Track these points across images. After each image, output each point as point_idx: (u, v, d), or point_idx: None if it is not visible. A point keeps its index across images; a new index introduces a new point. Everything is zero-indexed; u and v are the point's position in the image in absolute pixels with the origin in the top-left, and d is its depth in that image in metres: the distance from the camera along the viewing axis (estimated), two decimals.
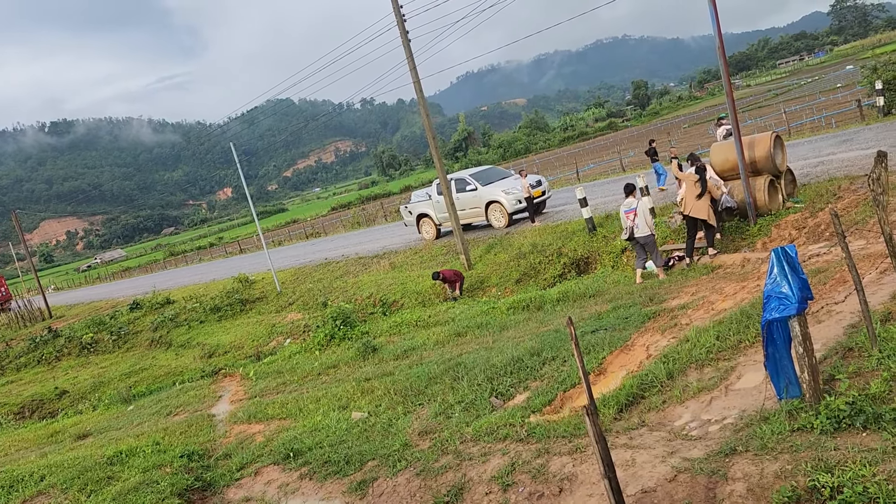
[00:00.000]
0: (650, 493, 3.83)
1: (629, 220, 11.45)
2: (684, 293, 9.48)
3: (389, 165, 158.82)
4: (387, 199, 76.26)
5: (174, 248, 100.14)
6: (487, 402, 7.02)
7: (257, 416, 9.69)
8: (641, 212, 11.36)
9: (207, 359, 20.57)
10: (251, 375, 14.00)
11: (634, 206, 11.41)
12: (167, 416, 11.92)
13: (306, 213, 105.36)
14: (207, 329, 24.33)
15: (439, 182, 19.66)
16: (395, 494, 5.36)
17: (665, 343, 7.24)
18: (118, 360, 24.68)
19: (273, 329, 20.96)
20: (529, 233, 18.02)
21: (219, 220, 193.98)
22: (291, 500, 5.99)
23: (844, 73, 73.53)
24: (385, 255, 23.49)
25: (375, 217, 47.82)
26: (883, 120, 20.46)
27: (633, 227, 11.40)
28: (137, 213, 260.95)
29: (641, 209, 11.39)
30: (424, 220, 22.90)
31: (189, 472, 7.17)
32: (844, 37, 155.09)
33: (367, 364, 11.77)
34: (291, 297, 23.74)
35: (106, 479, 7.19)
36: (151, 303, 30.82)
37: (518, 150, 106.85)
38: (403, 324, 14.87)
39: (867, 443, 3.43)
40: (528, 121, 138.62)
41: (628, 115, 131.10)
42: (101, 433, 11.62)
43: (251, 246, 57.88)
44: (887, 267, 6.52)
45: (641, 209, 11.39)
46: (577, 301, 11.75)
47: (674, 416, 5.13)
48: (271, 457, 7.23)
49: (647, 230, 11.38)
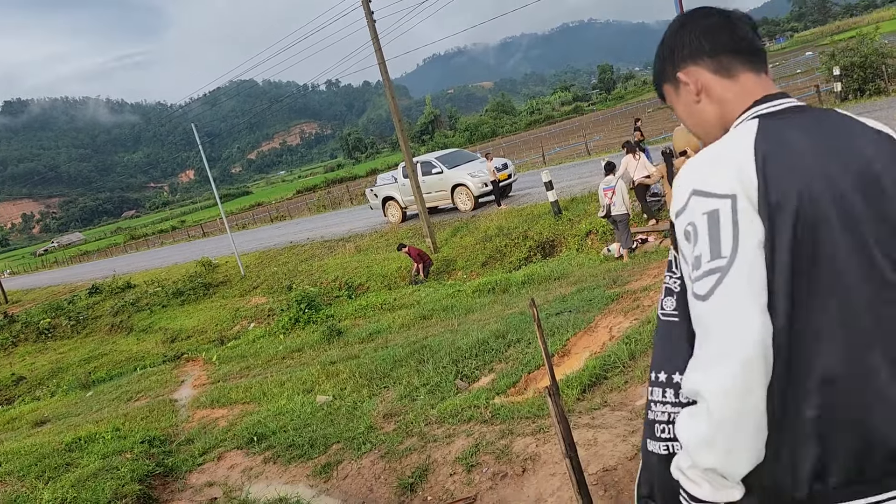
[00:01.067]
0: (611, 472, 3.89)
1: (607, 198, 11.60)
2: (647, 275, 9.61)
3: (355, 148, 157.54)
4: (353, 182, 75.73)
5: (135, 231, 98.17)
6: (452, 385, 7.04)
7: (220, 400, 9.59)
8: (619, 190, 11.51)
9: (170, 343, 20.30)
10: (214, 360, 13.86)
11: (613, 184, 11.55)
12: (128, 401, 11.75)
13: (271, 197, 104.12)
14: (170, 313, 24.00)
15: (405, 165, 19.57)
16: (359, 477, 5.36)
17: (627, 325, 7.33)
18: (77, 346, 24.23)
19: (237, 313, 20.76)
20: (495, 216, 18.08)
21: (181, 203, 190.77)
22: (255, 484, 5.95)
23: (804, 59, 74.86)
24: (351, 238, 23.37)
25: (341, 200, 47.48)
26: (840, 105, 20.91)
27: (611, 205, 11.55)
28: (96, 196, 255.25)
29: (620, 188, 11.53)
30: (390, 203, 22.81)
31: (150, 457, 7.07)
32: (804, 23, 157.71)
33: (332, 347, 11.72)
34: (256, 280, 23.51)
35: (64, 465, 7.06)
36: (111, 287, 30.26)
37: (485, 134, 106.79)
38: (369, 307, 14.83)
39: None
40: (495, 104, 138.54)
41: (594, 100, 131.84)
42: (60, 419, 11.41)
43: (214, 229, 57.08)
44: None
45: (620, 188, 11.53)
46: (543, 284, 11.83)
47: (635, 396, 5.21)
48: (235, 441, 7.16)
49: (624, 209, 11.55)
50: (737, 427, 1.15)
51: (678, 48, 1.42)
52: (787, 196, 1.18)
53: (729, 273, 1.16)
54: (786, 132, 1.25)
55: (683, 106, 1.47)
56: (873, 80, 21.59)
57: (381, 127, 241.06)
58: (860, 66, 21.53)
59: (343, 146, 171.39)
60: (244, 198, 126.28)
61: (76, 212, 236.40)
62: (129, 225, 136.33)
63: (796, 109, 1.32)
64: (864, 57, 21.45)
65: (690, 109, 1.45)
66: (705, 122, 1.44)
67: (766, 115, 1.30)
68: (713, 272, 1.17)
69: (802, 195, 1.18)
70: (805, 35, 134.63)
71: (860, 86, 21.68)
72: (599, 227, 13.95)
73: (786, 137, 1.24)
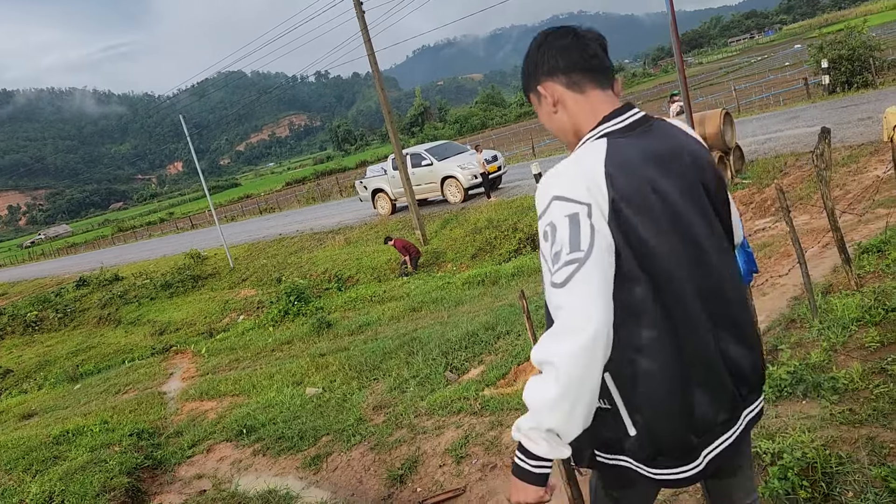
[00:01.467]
0: None
1: None
2: None
3: (345, 140, 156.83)
4: (342, 174, 75.44)
5: (123, 223, 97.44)
6: (442, 377, 7.05)
7: (210, 393, 9.56)
8: None
9: (158, 336, 20.20)
10: (203, 352, 13.80)
11: None
12: (116, 394, 11.69)
13: (260, 188, 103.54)
14: (158, 306, 23.87)
15: (395, 157, 19.52)
16: (349, 469, 5.36)
17: None
18: (64, 339, 24.07)
19: (226, 305, 20.67)
20: (485, 208, 18.07)
21: (169, 195, 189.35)
22: (245, 476, 5.94)
23: (793, 51, 75.09)
24: (340, 230, 23.30)
25: (331, 192, 47.31)
26: (828, 98, 21.01)
27: None
28: (83, 188, 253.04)
29: None
30: (380, 195, 22.75)
31: (139, 450, 7.04)
32: (793, 16, 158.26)
33: (321, 340, 11.70)
34: (245, 273, 23.41)
35: (52, 458, 7.02)
36: (99, 279, 30.03)
37: (474, 126, 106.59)
38: (358, 299, 14.81)
39: (807, 410, 3.54)
40: (485, 96, 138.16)
41: None
42: (47, 412, 11.34)
43: (203, 221, 56.76)
44: (829, 241, 6.72)
45: None
46: (532, 276, 11.85)
47: None
48: (224, 434, 7.15)
49: None
50: (579, 393, 1.35)
51: (539, 64, 1.64)
52: (629, 203, 1.46)
53: (585, 264, 1.38)
54: (627, 150, 1.51)
55: (544, 114, 1.69)
56: (861, 73, 21.69)
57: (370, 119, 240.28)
58: (848, 58, 21.61)
59: (332, 138, 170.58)
60: (233, 190, 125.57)
61: (63, 204, 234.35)
62: (117, 217, 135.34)
63: (637, 123, 1.59)
64: (851, 50, 21.53)
65: (550, 118, 1.68)
66: (562, 129, 1.68)
67: (613, 133, 1.56)
68: (572, 262, 1.39)
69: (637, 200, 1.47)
70: (793, 28, 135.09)
71: (848, 78, 21.78)
72: None
73: (627, 156, 1.50)
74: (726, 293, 1.59)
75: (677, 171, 1.54)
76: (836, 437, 3.10)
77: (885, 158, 10.05)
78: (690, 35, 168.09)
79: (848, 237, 6.35)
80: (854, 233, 6.91)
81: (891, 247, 5.55)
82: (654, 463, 1.57)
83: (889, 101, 14.69)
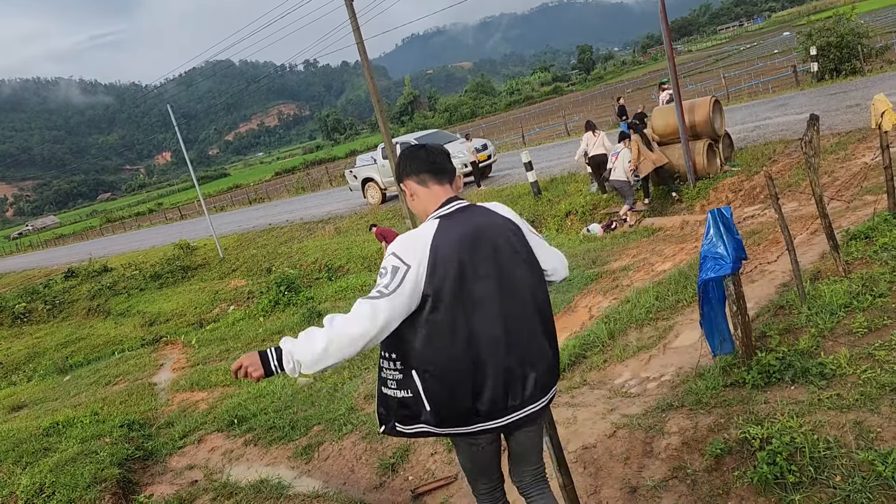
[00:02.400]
0: (590, 449, 3.93)
1: (610, 163, 11.90)
2: (626, 255, 9.67)
3: (334, 129, 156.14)
4: (332, 163, 75.17)
5: (111, 214, 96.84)
6: None
7: (200, 383, 9.54)
8: (622, 159, 11.74)
9: (148, 327, 20.12)
10: (194, 343, 13.77)
11: (618, 151, 11.84)
12: (106, 385, 11.64)
13: (249, 179, 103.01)
14: (148, 297, 23.76)
15: (385, 146, 19.45)
16: (340, 458, 5.37)
17: (607, 304, 7.39)
18: (53, 330, 23.92)
19: (216, 296, 20.60)
20: (475, 197, 18.05)
21: (158, 185, 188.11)
22: (236, 466, 5.94)
23: (782, 39, 75.24)
24: (330, 219, 23.24)
25: (320, 182, 47.15)
26: (817, 85, 21.07)
27: (612, 170, 11.78)
28: (71, 179, 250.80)
29: (623, 156, 11.75)
30: (370, 184, 22.69)
31: (130, 441, 7.02)
32: (782, 3, 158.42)
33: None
34: (235, 263, 23.34)
35: (42, 450, 6.98)
36: (88, 271, 29.86)
37: (464, 115, 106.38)
38: (349, 289, 14.79)
39: (795, 396, 3.57)
40: (475, 85, 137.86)
41: (573, 80, 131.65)
42: (37, 404, 11.28)
43: (192, 212, 56.47)
44: (817, 228, 6.76)
45: (623, 156, 11.75)
46: None
47: (614, 375, 5.26)
48: (215, 424, 7.14)
49: (623, 176, 11.78)
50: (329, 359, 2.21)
51: (402, 168, 2.51)
52: (446, 268, 2.25)
53: (386, 297, 2.22)
54: (449, 230, 2.32)
55: (408, 200, 2.54)
56: (849, 61, 21.73)
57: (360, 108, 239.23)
58: (836, 46, 21.65)
59: (322, 127, 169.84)
60: (222, 180, 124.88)
61: (50, 195, 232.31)
62: (105, 208, 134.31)
63: (457, 211, 2.40)
64: (840, 37, 21.57)
65: (411, 203, 2.53)
66: (418, 211, 2.52)
67: (443, 216, 2.37)
68: (381, 293, 2.24)
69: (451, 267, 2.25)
70: (782, 15, 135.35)
71: (836, 66, 21.82)
72: (579, 208, 13.99)
73: (448, 234, 2.31)
74: (523, 320, 2.37)
75: (479, 244, 2.33)
76: (824, 422, 3.13)
77: (873, 145, 10.10)
78: (680, 23, 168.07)
79: (836, 224, 6.39)
80: (842, 219, 6.95)
81: (878, 233, 5.58)
82: (441, 427, 2.39)
83: (877, 88, 14.76)
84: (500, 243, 2.37)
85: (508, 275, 2.35)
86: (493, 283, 2.31)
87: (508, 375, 2.34)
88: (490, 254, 2.33)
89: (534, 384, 2.40)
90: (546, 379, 2.45)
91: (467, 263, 2.28)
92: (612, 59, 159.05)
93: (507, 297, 2.33)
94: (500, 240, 2.38)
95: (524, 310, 2.38)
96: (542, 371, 2.42)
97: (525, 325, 2.38)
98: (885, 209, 6.06)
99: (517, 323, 2.35)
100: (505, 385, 2.34)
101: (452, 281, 2.24)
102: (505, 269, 2.35)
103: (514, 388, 2.36)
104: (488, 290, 2.30)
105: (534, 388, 2.40)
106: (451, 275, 2.24)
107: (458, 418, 2.36)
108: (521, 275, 2.39)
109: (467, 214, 2.38)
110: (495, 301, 2.31)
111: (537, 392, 2.42)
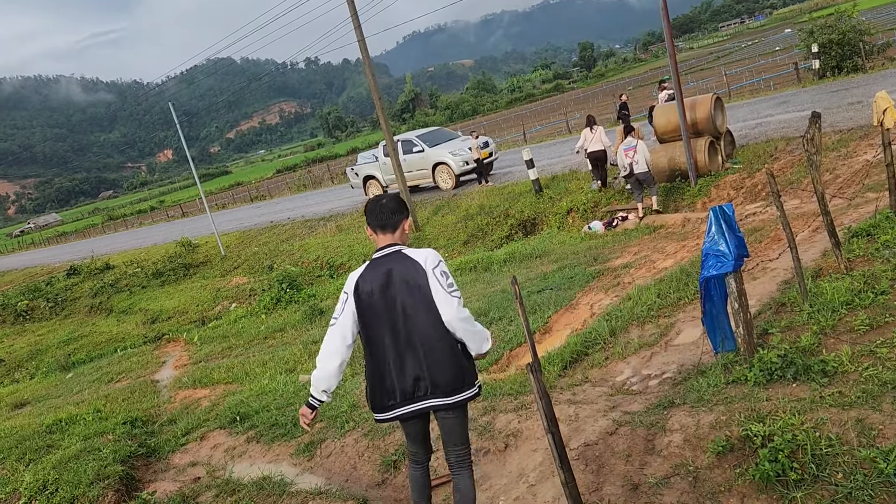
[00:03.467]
0: (592, 447, 3.93)
1: (628, 158, 11.86)
2: (627, 253, 9.67)
3: (336, 127, 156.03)
4: (333, 161, 75.17)
5: (113, 212, 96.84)
6: None
7: (202, 381, 9.56)
8: (641, 150, 11.76)
9: (150, 324, 20.15)
10: (196, 340, 13.79)
11: (634, 143, 11.83)
12: (108, 382, 11.67)
13: (251, 176, 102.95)
14: (150, 294, 23.80)
15: (386, 144, 19.44)
16: (343, 455, 5.38)
17: (608, 301, 7.39)
18: (56, 328, 23.97)
19: (218, 293, 20.63)
20: (476, 194, 18.06)
21: (159, 183, 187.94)
22: (238, 463, 5.95)
23: (783, 36, 75.09)
24: (332, 217, 23.26)
25: (322, 179, 47.14)
26: (818, 82, 21.02)
27: (633, 164, 11.79)
28: (73, 176, 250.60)
29: (641, 147, 11.78)
30: (371, 182, 22.68)
31: (132, 438, 7.03)
32: (783, 0, 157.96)
33: (314, 327, 11.70)
34: (236, 260, 23.36)
35: (45, 447, 7.01)
36: (90, 268, 29.91)
37: (465, 112, 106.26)
38: None
39: (797, 393, 3.57)
40: (476, 82, 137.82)
41: (575, 78, 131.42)
42: (40, 402, 11.31)
43: (194, 209, 56.50)
44: (819, 225, 6.76)
45: (641, 147, 11.78)
46: (524, 262, 11.87)
47: (616, 372, 5.27)
48: (217, 421, 7.15)
49: (646, 166, 11.78)
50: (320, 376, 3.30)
51: (366, 216, 3.34)
52: (361, 295, 3.22)
53: (336, 323, 3.28)
54: (370, 267, 3.26)
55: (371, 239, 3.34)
56: (851, 58, 21.68)
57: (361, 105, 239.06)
58: (838, 43, 21.60)
59: (323, 125, 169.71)
60: (223, 177, 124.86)
61: (52, 192, 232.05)
62: (107, 205, 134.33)
63: (384, 256, 3.24)
64: (842, 34, 21.52)
65: (371, 241, 3.35)
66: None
67: (373, 259, 3.28)
68: (332, 321, 3.30)
69: (364, 293, 3.21)
70: (784, 12, 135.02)
71: (838, 63, 21.78)
72: (580, 206, 14.00)
73: (368, 270, 3.26)
74: (412, 339, 3.16)
75: (388, 284, 3.18)
76: (826, 420, 3.14)
77: (875, 143, 10.09)
78: (681, 20, 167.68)
79: (838, 221, 6.38)
80: (844, 217, 6.94)
81: (880, 231, 5.58)
82: (374, 411, 3.37)
83: (879, 85, 14.72)
84: (405, 278, 3.17)
85: (402, 302, 3.16)
86: (394, 308, 3.17)
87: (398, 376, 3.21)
88: (396, 285, 3.17)
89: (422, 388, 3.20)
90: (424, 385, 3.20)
91: (376, 292, 3.17)
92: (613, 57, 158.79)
93: (402, 319, 3.16)
94: (406, 276, 3.17)
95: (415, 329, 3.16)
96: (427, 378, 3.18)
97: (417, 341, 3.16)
98: (886, 206, 6.06)
99: (409, 339, 3.16)
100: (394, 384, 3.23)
101: (366, 305, 3.20)
102: (402, 297, 3.16)
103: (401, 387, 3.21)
104: (390, 313, 3.18)
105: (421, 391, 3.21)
106: (365, 300, 3.20)
107: (375, 407, 3.34)
108: (414, 304, 3.14)
109: (388, 260, 3.22)
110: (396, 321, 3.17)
111: (424, 394, 3.20)
